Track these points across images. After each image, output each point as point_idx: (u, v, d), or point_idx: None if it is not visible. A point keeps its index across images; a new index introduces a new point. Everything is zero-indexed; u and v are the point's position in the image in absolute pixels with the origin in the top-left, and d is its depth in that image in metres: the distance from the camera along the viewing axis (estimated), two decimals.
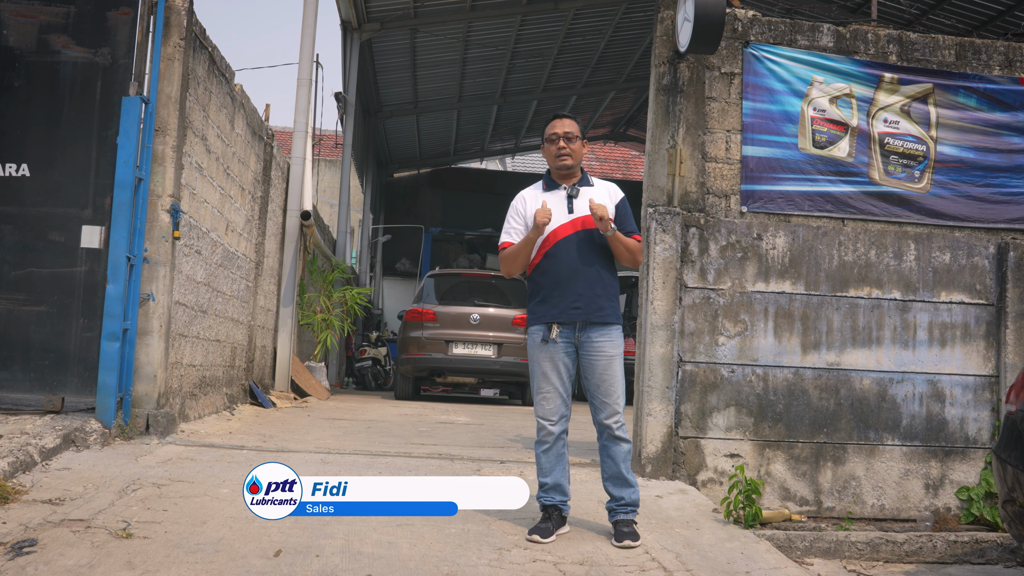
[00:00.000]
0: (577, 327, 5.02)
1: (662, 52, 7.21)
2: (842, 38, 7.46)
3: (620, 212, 5.13)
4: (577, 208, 5.09)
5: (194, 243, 8.16)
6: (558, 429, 5.05)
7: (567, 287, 5.00)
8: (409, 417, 11.01)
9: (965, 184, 7.47)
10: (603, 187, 5.21)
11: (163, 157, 7.14)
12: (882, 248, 7.26)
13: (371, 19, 18.01)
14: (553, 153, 5.14)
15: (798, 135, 7.30)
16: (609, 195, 5.16)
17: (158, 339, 7.13)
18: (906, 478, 7.14)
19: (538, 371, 5.07)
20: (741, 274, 7.08)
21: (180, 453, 6.59)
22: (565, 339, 5.02)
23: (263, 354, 11.97)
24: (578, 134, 5.13)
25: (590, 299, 4.99)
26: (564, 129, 5.12)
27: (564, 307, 5.00)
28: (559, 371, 5.03)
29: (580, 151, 5.15)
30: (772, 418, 7.02)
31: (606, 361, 4.99)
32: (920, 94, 7.48)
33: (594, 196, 5.10)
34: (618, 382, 5.00)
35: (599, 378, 4.99)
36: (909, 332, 7.23)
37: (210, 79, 8.35)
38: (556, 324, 5.01)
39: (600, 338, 5.00)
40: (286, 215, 12.73)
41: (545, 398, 5.04)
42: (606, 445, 5.05)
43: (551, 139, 5.15)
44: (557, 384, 5.03)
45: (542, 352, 5.05)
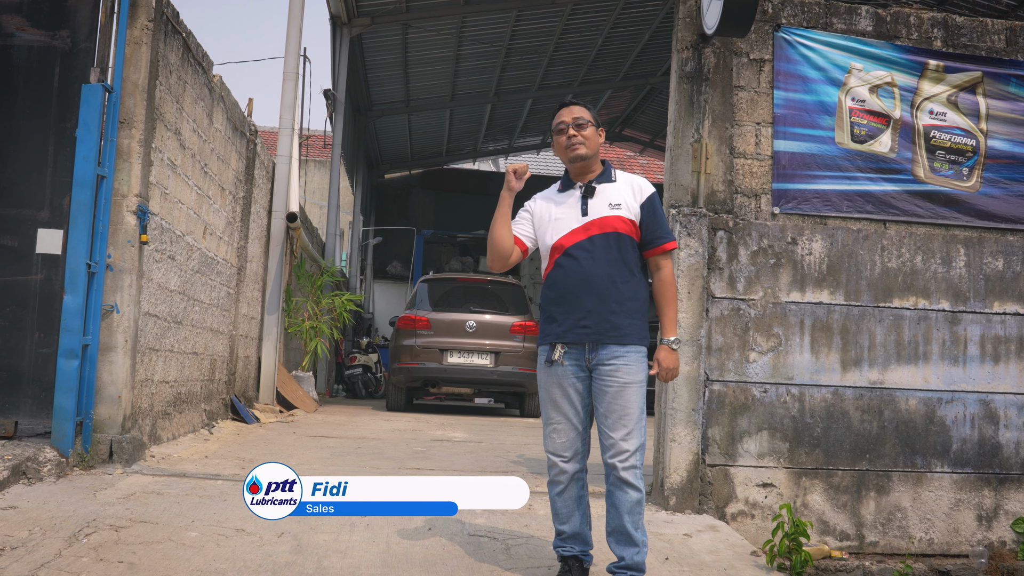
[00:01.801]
0: (587, 348, 4.21)
1: (685, 36, 6.49)
2: (882, 21, 6.75)
3: (647, 214, 4.32)
4: (592, 209, 4.29)
5: (166, 248, 7.41)
6: (572, 468, 4.26)
7: (575, 302, 4.21)
8: (402, 433, 10.26)
9: (1018, 183, 6.76)
10: (627, 182, 4.40)
11: (129, 152, 6.39)
12: (929, 253, 6.55)
13: (362, 13, 17.34)
14: (563, 144, 4.36)
15: (835, 128, 6.58)
16: (633, 192, 4.35)
17: (123, 355, 6.37)
18: (957, 509, 6.43)
19: (546, 398, 4.30)
20: (774, 283, 6.36)
21: (146, 485, 5.84)
22: (574, 361, 4.23)
23: (246, 365, 11.21)
24: (589, 119, 4.35)
25: (601, 316, 4.17)
26: (572, 115, 4.34)
27: (570, 324, 4.22)
28: (570, 398, 4.24)
29: (595, 139, 4.36)
30: (809, 443, 6.30)
31: (617, 388, 4.15)
32: (968, 83, 6.78)
33: (615, 192, 4.32)
34: (631, 414, 4.14)
35: (607, 407, 4.17)
36: (959, 347, 6.52)
37: (184, 68, 7.60)
38: (561, 344, 4.24)
39: (613, 361, 4.17)
40: (271, 217, 11.98)
41: (555, 430, 4.26)
42: (611, 490, 4.21)
43: (559, 129, 4.37)
44: (569, 413, 4.24)
45: (548, 376, 4.28)
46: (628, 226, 4.27)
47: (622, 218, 4.26)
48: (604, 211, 4.29)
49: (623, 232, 4.25)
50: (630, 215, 4.28)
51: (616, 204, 4.29)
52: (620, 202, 4.30)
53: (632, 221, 4.28)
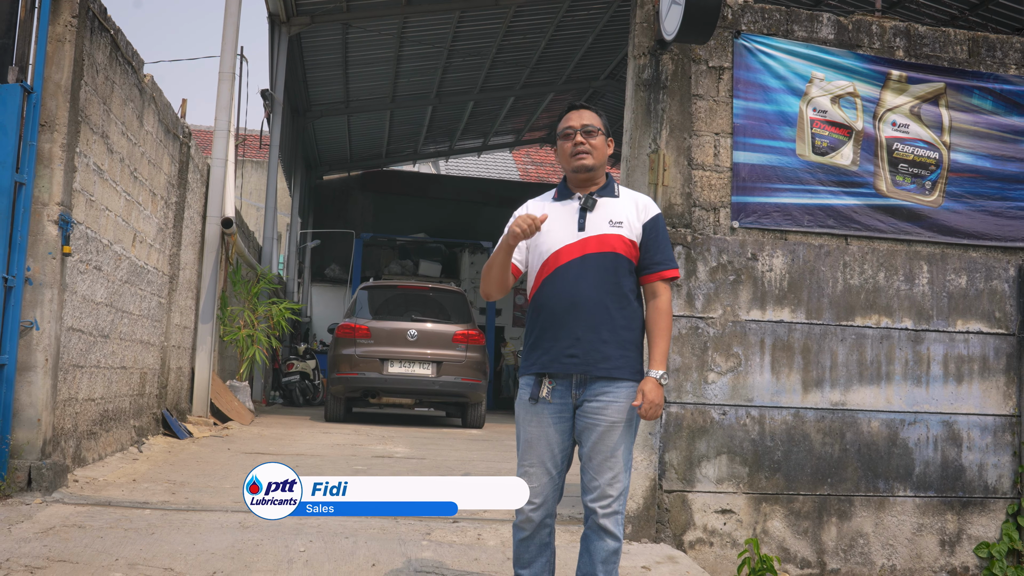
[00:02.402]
0: (574, 381, 3.82)
1: (642, 42, 6.21)
2: (844, 29, 6.53)
3: (649, 236, 3.90)
4: (591, 224, 3.88)
5: (92, 258, 6.98)
6: (540, 515, 3.86)
7: (562, 328, 3.80)
8: (342, 449, 9.88)
9: (981, 197, 6.58)
10: (631, 199, 3.99)
11: (51, 157, 5.96)
12: (891, 270, 6.34)
13: (300, 12, 16.93)
14: (568, 151, 3.95)
15: (796, 139, 6.35)
16: (637, 210, 3.95)
17: (43, 375, 5.94)
18: (920, 534, 6.23)
19: (522, 436, 3.91)
20: (734, 300, 6.11)
21: (67, 516, 5.42)
22: (559, 399, 3.84)
23: (179, 377, 10.75)
24: (600, 127, 3.95)
25: (591, 345, 3.77)
26: (582, 121, 3.94)
27: (556, 353, 3.81)
28: (548, 441, 3.85)
29: (603, 149, 3.96)
30: (769, 467, 6.06)
31: (604, 428, 3.76)
32: (931, 94, 6.58)
33: (617, 209, 3.93)
34: (617, 457, 3.77)
35: (592, 448, 3.78)
36: (922, 366, 6.32)
37: (113, 67, 7.17)
38: (547, 377, 3.84)
39: (601, 397, 3.78)
40: (205, 222, 11.52)
41: (527, 474, 3.85)
42: (587, 535, 3.84)
43: (566, 134, 3.97)
44: (545, 457, 3.85)
45: (528, 413, 3.88)
46: (628, 247, 3.87)
47: (622, 238, 3.86)
48: (603, 228, 3.88)
49: (622, 253, 3.86)
50: (631, 235, 3.87)
51: (617, 222, 3.88)
52: (622, 220, 3.89)
53: (632, 242, 3.87)
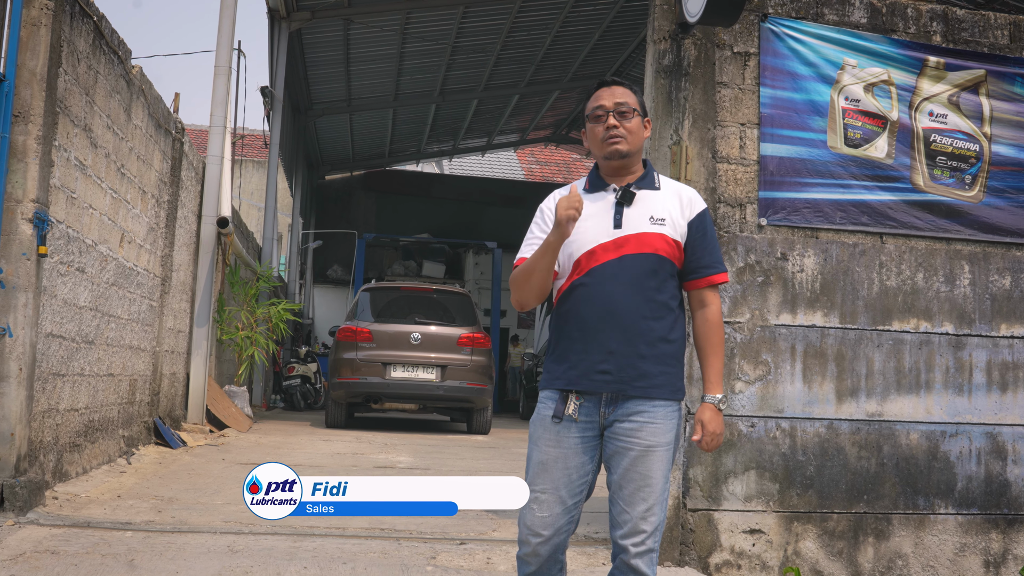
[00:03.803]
0: (604, 400, 3.28)
1: (662, 25, 5.77)
2: (877, 13, 6.09)
3: (695, 235, 3.37)
4: (629, 221, 3.34)
5: (74, 259, 6.55)
6: (547, 550, 3.26)
7: (594, 339, 3.28)
8: (343, 458, 9.45)
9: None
10: (674, 192, 3.43)
11: (24, 151, 5.53)
12: (931, 270, 5.90)
13: (301, 7, 16.53)
14: (599, 136, 3.39)
15: (827, 130, 5.90)
16: (681, 204, 3.39)
17: (16, 386, 5.51)
18: (962, 554, 5.79)
19: (535, 457, 3.35)
20: (763, 303, 5.67)
21: (40, 541, 4.99)
22: (585, 418, 3.29)
23: (172, 383, 10.32)
24: (636, 107, 3.39)
25: (627, 360, 3.25)
26: (615, 100, 3.38)
27: (586, 368, 3.28)
28: (567, 464, 3.30)
29: (640, 133, 3.40)
30: (801, 484, 5.62)
31: (639, 452, 3.23)
32: (970, 82, 6.14)
33: (659, 203, 3.39)
34: (653, 486, 3.22)
35: (623, 475, 3.24)
36: (964, 374, 5.88)
37: (96, 56, 6.74)
38: (575, 393, 3.30)
39: (635, 418, 3.25)
40: (201, 222, 11.09)
41: (537, 500, 3.26)
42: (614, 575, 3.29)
43: (596, 116, 3.41)
44: (560, 484, 3.28)
45: (547, 432, 3.32)
46: (671, 248, 3.34)
47: (665, 237, 3.34)
48: (643, 225, 3.34)
49: (664, 255, 3.33)
50: (675, 234, 3.35)
51: (660, 219, 3.36)
52: (664, 216, 3.36)
53: (676, 242, 3.35)
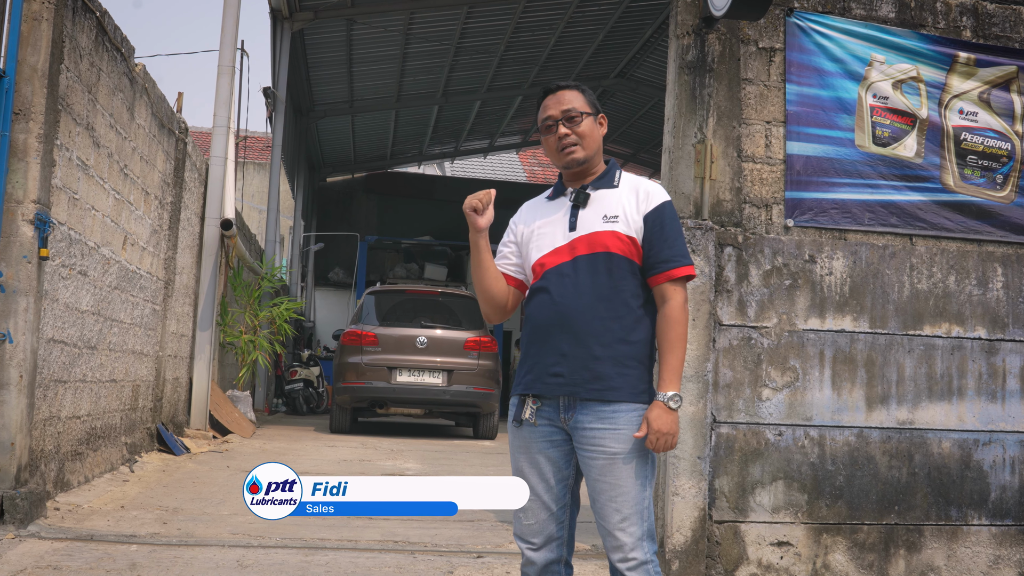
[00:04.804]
0: (561, 404, 3.17)
1: (686, 19, 5.58)
2: (905, 7, 5.90)
3: (652, 229, 3.20)
4: (583, 222, 3.24)
5: (76, 262, 6.35)
6: (543, 558, 3.20)
7: (547, 341, 3.19)
8: (349, 465, 9.26)
9: None
10: (631, 187, 3.29)
11: (25, 149, 5.33)
12: (963, 273, 5.71)
13: (304, 8, 16.31)
14: (554, 147, 3.28)
15: (855, 128, 5.71)
16: (637, 199, 3.24)
17: (16, 393, 5.32)
18: (996, 567, 5.59)
19: (512, 465, 3.28)
20: (790, 307, 5.47)
21: (41, 555, 4.79)
22: (547, 422, 3.19)
23: (175, 388, 10.12)
24: (585, 109, 3.26)
25: (580, 362, 3.14)
26: (562, 107, 3.25)
27: (540, 372, 3.20)
28: (539, 469, 3.20)
29: (594, 133, 3.28)
30: (831, 494, 5.42)
31: (605, 460, 3.11)
32: (1002, 79, 5.95)
33: (614, 201, 3.25)
34: (625, 494, 3.11)
35: (594, 486, 3.15)
36: (997, 380, 5.69)
37: (99, 53, 6.55)
38: (532, 397, 3.21)
39: (595, 423, 3.13)
40: (204, 224, 10.90)
41: (523, 509, 3.20)
42: None
43: (546, 127, 3.29)
44: (539, 488, 3.19)
45: (516, 439, 3.25)
46: (624, 245, 3.21)
47: (616, 234, 3.21)
48: (595, 224, 3.22)
49: (617, 252, 3.20)
50: (628, 230, 3.21)
51: (612, 216, 3.23)
52: (617, 213, 3.23)
53: (631, 238, 3.21)
